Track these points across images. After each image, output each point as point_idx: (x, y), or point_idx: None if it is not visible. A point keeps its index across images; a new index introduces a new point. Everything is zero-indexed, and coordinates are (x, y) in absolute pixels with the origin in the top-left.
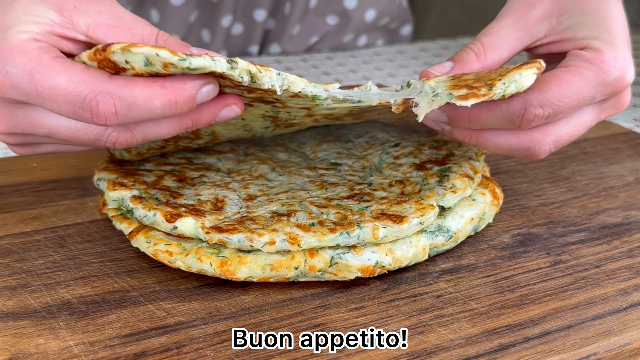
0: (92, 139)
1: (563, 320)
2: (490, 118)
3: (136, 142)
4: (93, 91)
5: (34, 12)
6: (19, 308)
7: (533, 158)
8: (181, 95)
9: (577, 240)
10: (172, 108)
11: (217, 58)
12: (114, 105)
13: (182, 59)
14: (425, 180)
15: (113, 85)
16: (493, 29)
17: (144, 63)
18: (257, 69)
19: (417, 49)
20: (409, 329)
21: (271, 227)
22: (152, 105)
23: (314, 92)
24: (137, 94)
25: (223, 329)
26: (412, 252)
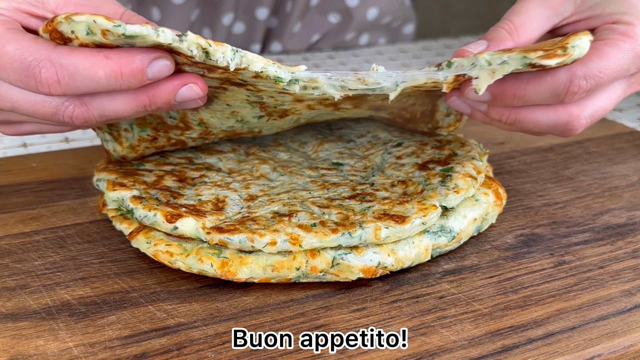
0: (50, 112)
1: (567, 322)
2: (536, 93)
3: (93, 117)
4: (36, 59)
5: None
6: (18, 309)
7: (570, 133)
8: (127, 67)
9: (580, 240)
10: (118, 79)
11: (162, 29)
12: (55, 72)
13: (116, 25)
14: (428, 180)
15: (56, 53)
16: (521, 9)
17: (86, 32)
18: (208, 42)
19: (419, 47)
20: (411, 330)
21: (272, 228)
22: (95, 74)
23: (277, 74)
24: (80, 63)
25: (224, 330)
26: (415, 252)
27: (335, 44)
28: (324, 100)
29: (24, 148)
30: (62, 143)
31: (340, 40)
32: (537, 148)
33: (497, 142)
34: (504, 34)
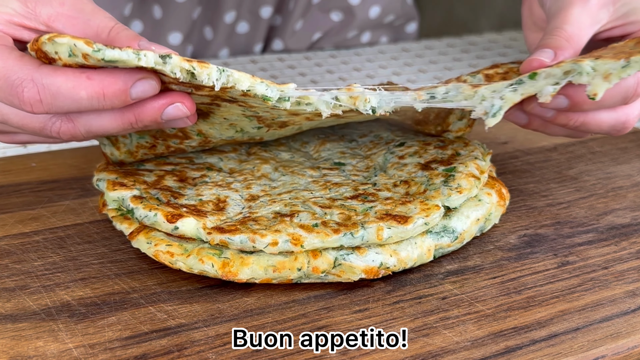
0: (38, 127)
1: (570, 323)
2: (611, 97)
3: (80, 133)
4: (19, 78)
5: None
6: (17, 310)
7: (624, 132)
8: (109, 88)
9: (584, 241)
10: (100, 100)
11: (143, 52)
12: (37, 92)
13: (95, 50)
14: (431, 180)
15: (39, 73)
16: (569, 18)
17: (69, 54)
18: (192, 65)
19: (422, 46)
20: (413, 331)
21: (274, 228)
22: (77, 95)
23: (265, 93)
24: (62, 83)
25: (225, 331)
26: (417, 253)
27: (336, 42)
28: None
29: (24, 148)
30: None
31: (342, 39)
32: (541, 148)
33: (500, 142)
34: (564, 42)
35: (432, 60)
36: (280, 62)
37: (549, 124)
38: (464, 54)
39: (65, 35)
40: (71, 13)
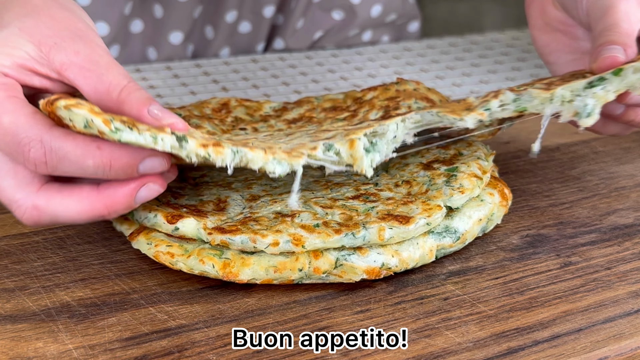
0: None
1: (573, 324)
2: None
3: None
4: (28, 137)
5: (11, 43)
6: (17, 311)
7: None
8: (118, 161)
9: (587, 241)
10: (106, 171)
11: (161, 136)
12: (44, 154)
13: (113, 131)
14: (433, 180)
15: (49, 136)
16: (620, 15)
17: (84, 125)
18: (207, 152)
19: (424, 46)
20: (415, 332)
21: (275, 228)
22: (84, 163)
23: (275, 170)
24: (71, 150)
25: (226, 332)
26: (419, 253)
27: (338, 41)
28: None
29: None
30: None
31: (343, 38)
32: (543, 147)
33: (503, 142)
34: (626, 38)
35: (434, 59)
36: (281, 62)
37: (608, 122)
38: (466, 53)
39: (83, 106)
40: (85, 64)
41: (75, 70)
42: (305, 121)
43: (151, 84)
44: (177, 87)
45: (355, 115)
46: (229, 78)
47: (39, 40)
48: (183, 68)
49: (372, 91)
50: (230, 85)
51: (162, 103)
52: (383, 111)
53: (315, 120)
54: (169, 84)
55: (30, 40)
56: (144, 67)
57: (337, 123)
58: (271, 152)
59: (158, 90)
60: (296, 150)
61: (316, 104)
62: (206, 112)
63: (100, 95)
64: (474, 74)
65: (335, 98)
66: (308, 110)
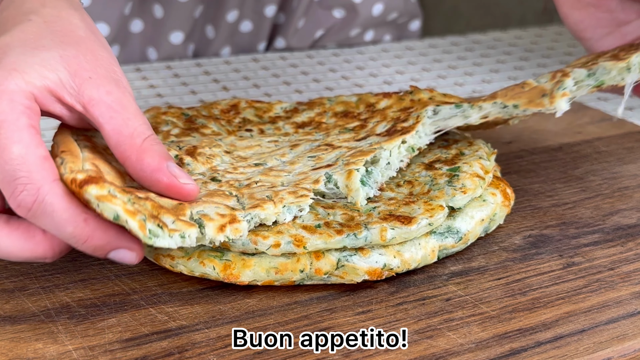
0: None
1: (576, 324)
2: None
3: None
4: (27, 178)
5: (49, 65)
6: (16, 312)
7: None
8: (95, 240)
9: (590, 241)
10: (79, 243)
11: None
12: (33, 202)
13: (148, 237)
14: (435, 180)
15: (48, 188)
16: None
17: (113, 217)
18: (226, 236)
19: (426, 45)
20: (417, 332)
21: (276, 229)
22: (64, 227)
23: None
24: (60, 211)
25: (226, 333)
26: (421, 254)
27: (339, 40)
28: None
29: None
30: None
31: (345, 37)
32: (546, 147)
33: (505, 142)
34: None
35: (435, 58)
36: (282, 61)
37: None
38: (468, 52)
39: (116, 200)
40: (114, 105)
41: (103, 109)
42: (313, 127)
43: (151, 83)
44: (177, 86)
45: (365, 126)
46: (229, 77)
47: (76, 70)
48: (183, 67)
49: (386, 99)
50: (231, 84)
51: (162, 103)
52: (393, 123)
53: (323, 126)
54: (169, 83)
55: (67, 68)
56: (144, 66)
57: (344, 135)
58: (279, 200)
59: (158, 90)
60: (301, 188)
61: (328, 106)
62: (214, 112)
63: (122, 138)
64: (476, 73)
65: (348, 101)
66: (318, 114)
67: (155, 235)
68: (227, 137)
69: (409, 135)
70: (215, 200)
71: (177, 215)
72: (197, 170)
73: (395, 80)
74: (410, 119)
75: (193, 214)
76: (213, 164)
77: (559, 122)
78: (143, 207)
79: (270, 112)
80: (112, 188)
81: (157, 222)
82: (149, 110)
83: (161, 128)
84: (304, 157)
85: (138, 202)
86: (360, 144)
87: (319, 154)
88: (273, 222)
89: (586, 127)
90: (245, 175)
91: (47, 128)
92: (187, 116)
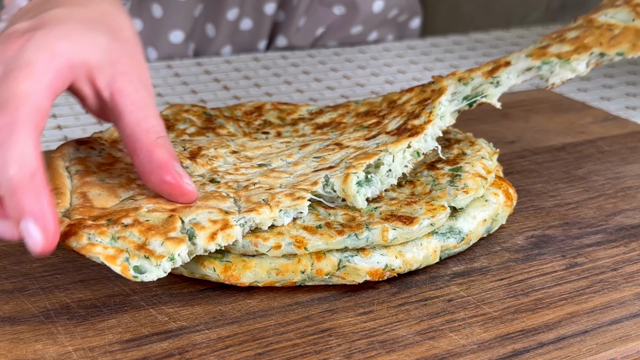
0: None
1: (579, 325)
2: None
3: None
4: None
5: (97, 45)
6: (16, 312)
7: None
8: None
9: (593, 242)
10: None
11: (177, 252)
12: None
13: (134, 276)
14: (436, 180)
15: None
16: None
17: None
18: (217, 243)
19: (427, 44)
20: (419, 334)
21: (276, 230)
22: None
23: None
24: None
25: (227, 334)
26: (423, 254)
27: (341, 38)
28: None
29: None
30: (61, 142)
31: (346, 35)
32: (549, 147)
33: (508, 141)
34: None
35: (437, 57)
36: (283, 60)
37: None
38: (471, 52)
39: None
40: (139, 102)
41: (128, 102)
42: (332, 127)
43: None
44: (177, 85)
45: (380, 123)
46: (230, 77)
47: (116, 61)
48: (184, 67)
49: (408, 93)
50: (231, 84)
51: (162, 102)
52: (405, 118)
53: (342, 126)
54: (169, 82)
55: (110, 55)
56: None
57: (357, 133)
58: (275, 204)
59: (159, 89)
60: (298, 190)
61: (353, 107)
62: (237, 114)
63: (138, 130)
64: None
65: (373, 102)
66: (340, 115)
67: (142, 271)
68: (240, 139)
69: (415, 139)
70: (209, 204)
71: (166, 233)
72: (196, 172)
73: (397, 80)
74: (423, 115)
75: (185, 224)
76: (214, 165)
77: (561, 122)
78: (128, 239)
79: (295, 114)
80: (92, 232)
81: (144, 253)
82: (171, 106)
83: (178, 126)
84: (309, 157)
85: (123, 233)
86: (369, 144)
87: (324, 155)
88: (270, 226)
89: (589, 127)
90: (246, 177)
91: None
92: (208, 115)
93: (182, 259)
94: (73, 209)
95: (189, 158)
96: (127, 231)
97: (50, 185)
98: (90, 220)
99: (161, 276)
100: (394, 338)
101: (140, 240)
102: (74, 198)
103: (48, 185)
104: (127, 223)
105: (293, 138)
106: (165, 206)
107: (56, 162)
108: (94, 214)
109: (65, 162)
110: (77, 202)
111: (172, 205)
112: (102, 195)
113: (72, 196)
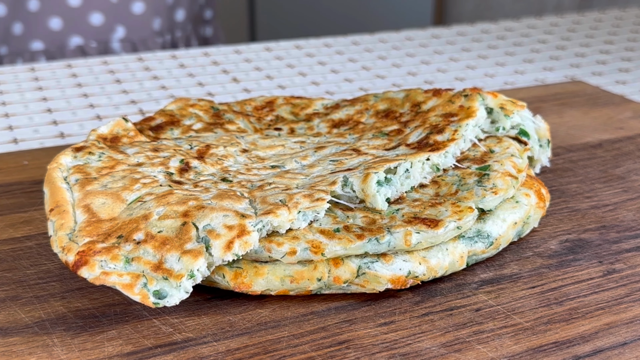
0: None
1: (617, 337)
2: None
3: None
4: None
5: None
6: (8, 323)
7: None
8: None
9: (632, 247)
10: None
11: (195, 268)
12: None
13: (155, 303)
14: (463, 180)
15: None
16: None
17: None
18: (234, 253)
19: (453, 32)
20: (444, 346)
21: (291, 235)
22: None
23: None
24: None
25: (237, 346)
26: (449, 260)
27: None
28: None
29: (15, 144)
30: (56, 139)
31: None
32: (584, 144)
33: None
34: None
35: (464, 47)
36: (297, 50)
37: None
38: (500, 41)
39: (112, 278)
40: None
41: None
42: (349, 127)
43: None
44: (183, 77)
45: (402, 131)
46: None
47: None
48: (190, 57)
49: (435, 97)
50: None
51: (166, 95)
52: (429, 131)
53: (359, 127)
54: (174, 74)
55: None
56: (147, 55)
57: (376, 140)
58: (294, 205)
59: (163, 82)
60: (317, 191)
61: (372, 103)
62: (247, 109)
63: None
64: (509, 64)
65: (394, 98)
66: (358, 112)
67: (162, 296)
68: (251, 135)
69: (435, 154)
70: (224, 204)
71: (182, 246)
72: (205, 172)
73: (420, 71)
74: (447, 131)
75: (200, 231)
76: (224, 165)
77: (598, 117)
78: (143, 259)
79: (309, 109)
80: (104, 258)
81: (162, 274)
82: (176, 100)
83: (184, 121)
84: (325, 160)
85: (136, 253)
86: (388, 154)
87: (342, 159)
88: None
89: (628, 122)
90: (259, 177)
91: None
92: (216, 110)
93: (202, 273)
94: (79, 229)
95: (196, 157)
96: (141, 249)
97: (50, 203)
98: (100, 243)
99: (183, 298)
100: (417, 351)
101: (156, 259)
102: (78, 213)
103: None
104: (139, 239)
105: (307, 137)
106: (177, 208)
107: (53, 175)
108: (102, 230)
109: (63, 173)
110: (82, 219)
111: (183, 207)
112: (107, 204)
113: (75, 211)
